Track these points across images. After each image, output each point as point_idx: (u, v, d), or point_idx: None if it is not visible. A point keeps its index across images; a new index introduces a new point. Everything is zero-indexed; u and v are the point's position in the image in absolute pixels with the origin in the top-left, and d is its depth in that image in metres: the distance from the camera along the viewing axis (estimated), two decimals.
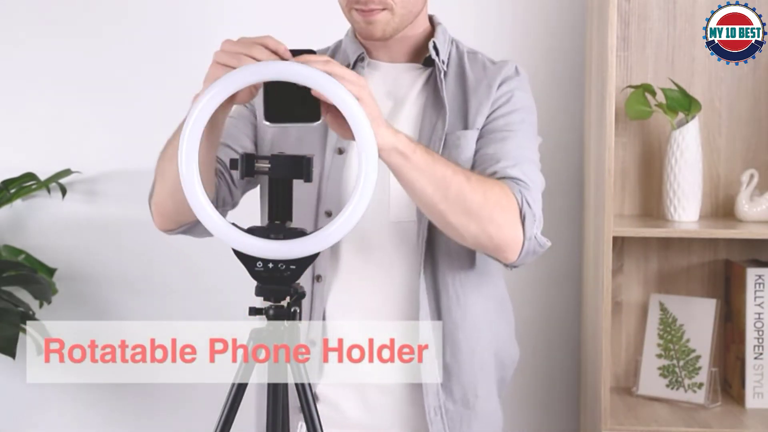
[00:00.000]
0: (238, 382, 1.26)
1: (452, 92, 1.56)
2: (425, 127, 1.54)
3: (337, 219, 1.20)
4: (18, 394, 2.51)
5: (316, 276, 1.53)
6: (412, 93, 1.57)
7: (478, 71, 1.58)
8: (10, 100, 2.46)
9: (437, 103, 1.54)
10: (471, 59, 1.61)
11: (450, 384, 1.53)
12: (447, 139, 1.52)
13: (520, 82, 1.59)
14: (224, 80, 1.18)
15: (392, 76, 1.58)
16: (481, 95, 1.55)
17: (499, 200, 1.39)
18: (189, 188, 1.19)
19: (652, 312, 2.28)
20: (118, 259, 2.46)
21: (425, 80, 1.58)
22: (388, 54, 1.59)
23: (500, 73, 1.57)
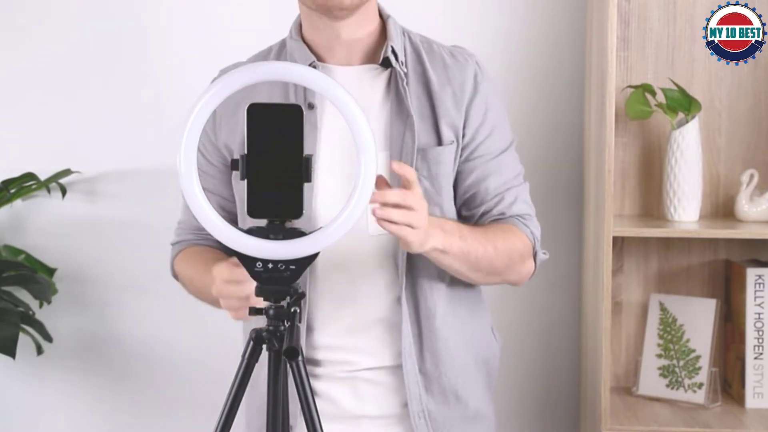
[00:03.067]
0: (238, 382, 1.26)
1: (416, 95, 1.52)
2: (394, 138, 1.51)
3: (337, 219, 1.20)
4: (18, 394, 2.51)
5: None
6: (375, 100, 1.52)
7: (439, 71, 1.54)
8: (10, 100, 2.46)
9: (402, 111, 1.51)
10: (428, 53, 1.56)
11: (432, 388, 1.55)
12: (425, 154, 1.50)
13: (486, 82, 1.56)
14: (224, 80, 1.18)
15: (350, 81, 1.50)
16: (449, 106, 1.52)
17: (521, 254, 1.53)
18: (188, 189, 1.19)
19: (652, 312, 2.28)
20: (118, 259, 2.46)
21: (386, 84, 1.53)
22: (342, 55, 1.53)
23: (464, 77, 1.54)
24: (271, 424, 1.27)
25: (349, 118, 1.19)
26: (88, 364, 2.50)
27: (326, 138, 1.51)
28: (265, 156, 1.18)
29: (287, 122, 1.18)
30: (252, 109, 1.18)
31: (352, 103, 1.19)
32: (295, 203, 1.19)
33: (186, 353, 2.47)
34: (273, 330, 1.25)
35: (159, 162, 2.41)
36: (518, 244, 1.52)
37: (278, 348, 1.25)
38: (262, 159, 1.18)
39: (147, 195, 2.44)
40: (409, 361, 1.52)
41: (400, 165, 1.34)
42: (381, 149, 1.49)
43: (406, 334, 1.52)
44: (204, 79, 1.37)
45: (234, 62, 1.62)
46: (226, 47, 2.38)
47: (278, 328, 1.25)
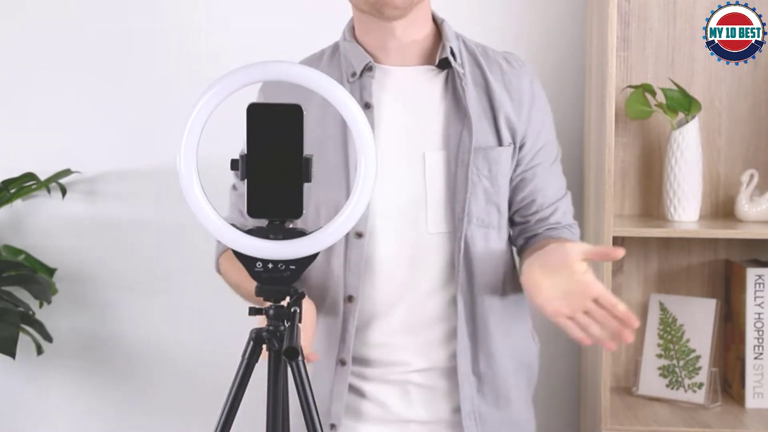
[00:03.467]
0: (238, 382, 1.26)
1: (474, 95, 1.53)
2: (451, 137, 1.51)
3: (336, 219, 1.20)
4: (18, 394, 2.51)
5: (348, 296, 1.53)
6: (432, 100, 1.53)
7: (496, 74, 1.56)
8: (11, 100, 2.46)
9: (459, 111, 1.51)
10: (484, 57, 1.57)
11: (483, 390, 1.56)
12: (486, 153, 1.51)
13: (541, 91, 1.60)
14: (224, 80, 1.18)
15: (406, 82, 1.53)
16: (508, 109, 1.54)
17: None
18: (188, 188, 1.19)
19: (652, 312, 2.28)
20: (118, 259, 2.46)
21: (443, 84, 1.53)
22: (398, 56, 1.53)
23: (521, 84, 1.56)
24: (271, 424, 1.27)
25: (350, 119, 1.19)
26: (88, 364, 2.50)
27: (384, 137, 1.51)
28: (265, 156, 1.18)
29: (288, 122, 1.18)
30: (252, 109, 1.18)
31: (352, 104, 1.19)
32: (296, 203, 1.19)
33: (186, 353, 2.48)
34: (273, 330, 1.25)
35: (159, 162, 2.41)
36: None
37: (278, 348, 1.25)
38: (262, 159, 1.18)
39: (147, 195, 2.44)
40: (464, 362, 1.53)
41: (614, 249, 1.37)
42: (438, 148, 1.51)
43: (461, 334, 1.52)
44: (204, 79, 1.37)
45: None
46: (227, 47, 2.39)
47: (278, 328, 1.25)
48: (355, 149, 1.43)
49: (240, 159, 1.19)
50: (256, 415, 1.44)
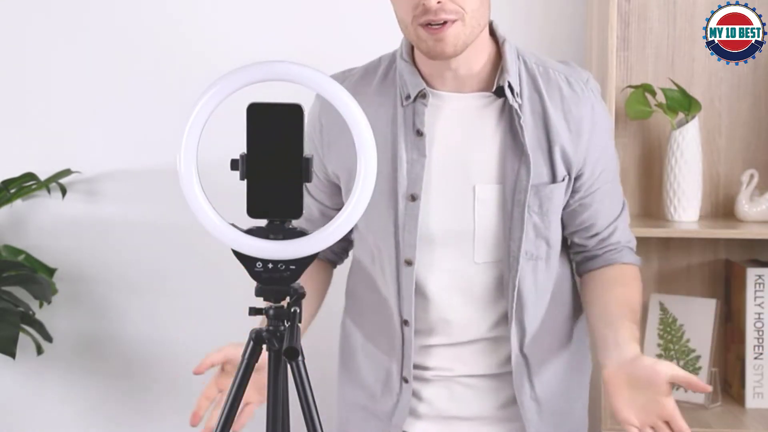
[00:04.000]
0: (238, 382, 1.26)
1: (532, 127, 1.49)
2: (508, 173, 1.49)
3: (337, 219, 1.20)
4: (18, 394, 2.51)
5: (404, 321, 1.55)
6: (487, 130, 1.50)
7: (556, 101, 1.51)
8: (10, 100, 2.46)
9: (517, 147, 1.48)
10: (545, 81, 1.52)
11: (542, 412, 1.58)
12: (539, 191, 1.50)
13: (602, 114, 1.56)
14: (225, 80, 1.18)
15: (461, 110, 1.50)
16: (565, 141, 1.50)
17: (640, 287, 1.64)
18: (188, 188, 1.19)
19: (652, 312, 2.28)
20: (118, 259, 2.46)
21: (499, 114, 1.50)
22: (454, 83, 1.50)
23: (582, 113, 1.51)
24: (271, 424, 1.27)
25: (350, 120, 1.19)
26: (88, 364, 2.50)
27: (435, 166, 1.51)
28: (265, 156, 1.18)
29: (288, 122, 1.18)
30: (252, 109, 1.18)
31: (352, 105, 1.19)
32: (295, 203, 1.19)
33: (186, 353, 2.47)
34: (273, 330, 1.25)
35: (159, 162, 2.41)
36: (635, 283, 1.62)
37: (278, 348, 1.25)
38: (262, 159, 1.18)
39: (147, 195, 2.44)
40: (524, 393, 1.57)
41: (703, 385, 1.42)
42: (494, 182, 1.50)
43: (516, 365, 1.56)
44: (204, 79, 1.37)
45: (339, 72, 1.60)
46: (227, 47, 2.39)
47: (278, 328, 1.25)
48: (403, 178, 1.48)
49: (240, 159, 1.19)
50: (256, 415, 1.45)
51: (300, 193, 1.19)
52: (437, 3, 1.38)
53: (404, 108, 1.50)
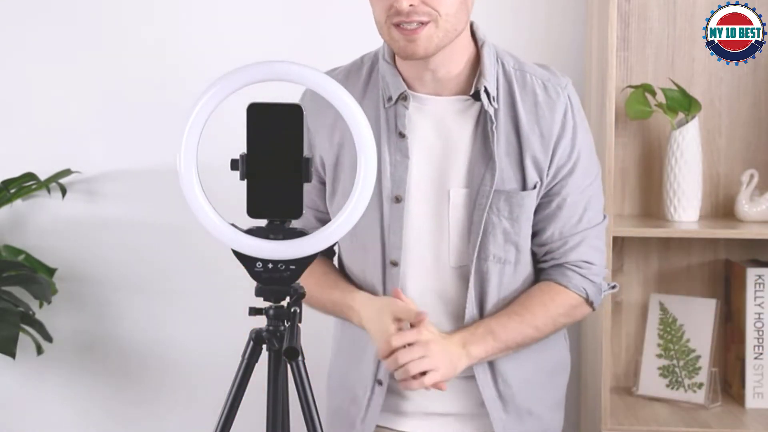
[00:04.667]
0: (238, 382, 1.26)
1: (505, 134, 1.51)
2: (474, 177, 1.51)
3: (337, 219, 1.20)
4: (18, 394, 2.50)
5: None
6: (464, 134, 1.52)
7: (529, 108, 1.51)
8: (11, 100, 2.46)
9: (486, 152, 1.50)
10: (520, 87, 1.53)
11: (508, 408, 1.59)
12: (510, 198, 1.51)
13: (575, 118, 1.54)
14: (225, 80, 1.18)
15: (440, 113, 1.52)
16: (536, 148, 1.51)
17: (567, 314, 1.57)
18: (188, 188, 1.19)
19: (652, 312, 2.28)
20: (118, 259, 2.46)
21: (476, 118, 1.52)
22: (433, 85, 1.52)
23: (554, 117, 1.51)
24: (271, 424, 1.27)
25: (350, 119, 1.19)
26: (88, 364, 2.50)
27: (416, 167, 1.53)
28: (265, 156, 1.18)
29: (288, 122, 1.18)
30: (252, 109, 1.18)
31: (352, 104, 1.19)
32: (295, 203, 1.19)
33: (186, 353, 2.47)
34: (273, 330, 1.25)
35: (159, 162, 2.41)
36: (561, 309, 1.56)
37: (278, 348, 1.25)
38: (262, 159, 1.18)
39: (147, 195, 2.44)
40: (487, 391, 1.57)
41: (418, 316, 1.45)
42: (462, 186, 1.52)
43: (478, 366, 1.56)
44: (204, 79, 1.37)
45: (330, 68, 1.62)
46: (226, 47, 2.39)
47: (278, 328, 1.25)
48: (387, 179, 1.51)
49: (240, 159, 1.19)
50: (256, 415, 1.45)
51: (300, 194, 1.19)
52: (409, 6, 1.40)
53: (386, 110, 1.53)
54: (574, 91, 1.57)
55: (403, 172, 1.52)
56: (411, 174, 1.52)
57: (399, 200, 1.52)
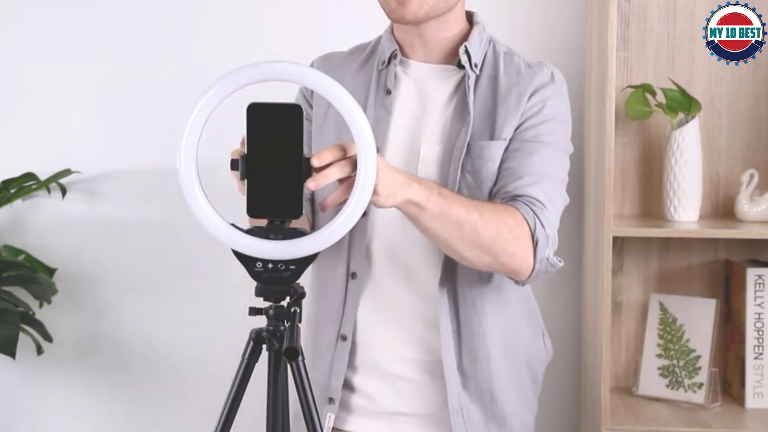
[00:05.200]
0: (238, 382, 1.26)
1: (483, 98, 1.54)
2: (451, 134, 1.53)
3: (337, 219, 1.20)
4: (18, 394, 2.51)
5: (351, 273, 1.56)
6: (441, 97, 1.55)
7: (511, 76, 1.55)
8: (11, 100, 2.46)
9: (464, 109, 1.53)
10: (507, 62, 1.57)
11: (468, 385, 1.56)
12: (471, 148, 1.50)
13: (554, 89, 1.55)
14: (224, 80, 1.18)
15: (423, 77, 1.57)
16: (510, 105, 1.52)
17: (512, 231, 1.42)
18: (188, 188, 1.19)
19: (652, 312, 2.28)
20: (118, 259, 2.46)
21: (456, 84, 1.56)
22: (423, 53, 1.57)
23: (533, 80, 1.54)
24: (271, 424, 1.27)
25: (350, 118, 1.19)
26: (88, 364, 2.50)
27: (393, 126, 1.55)
28: (265, 156, 1.18)
29: (287, 122, 1.18)
30: (252, 109, 1.18)
31: (352, 104, 1.19)
32: (295, 203, 1.19)
33: (186, 353, 2.48)
34: (273, 330, 1.25)
35: (159, 162, 2.41)
36: (510, 220, 1.42)
37: (278, 348, 1.25)
38: (262, 159, 1.18)
39: (147, 195, 2.44)
40: (449, 356, 1.53)
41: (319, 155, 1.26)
42: (436, 143, 1.53)
43: (444, 327, 1.53)
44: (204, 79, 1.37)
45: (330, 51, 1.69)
46: (226, 47, 2.39)
47: (278, 328, 1.25)
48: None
49: (240, 159, 1.19)
50: (256, 415, 1.45)
51: (300, 193, 1.19)
52: None
53: (379, 72, 1.59)
54: (561, 77, 1.59)
55: (385, 126, 1.55)
56: (390, 129, 1.55)
57: (378, 150, 1.52)
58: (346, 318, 1.57)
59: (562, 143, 1.56)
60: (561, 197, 1.53)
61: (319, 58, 1.69)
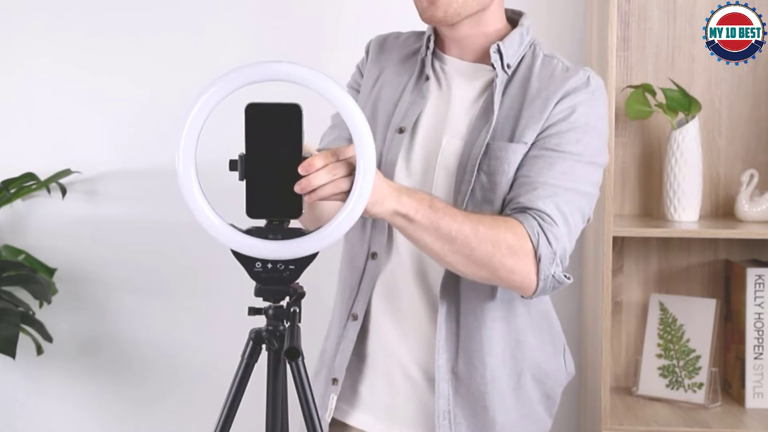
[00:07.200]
0: (238, 382, 1.26)
1: (511, 99, 1.50)
2: (473, 131, 1.50)
3: (336, 218, 1.20)
4: (18, 394, 2.51)
5: (372, 253, 1.56)
6: (470, 94, 1.54)
7: (543, 79, 1.50)
8: (11, 100, 2.46)
9: (489, 108, 1.50)
10: (544, 64, 1.53)
11: (460, 390, 1.53)
12: (489, 148, 1.47)
13: (587, 95, 1.48)
14: (223, 80, 1.18)
15: (456, 73, 1.57)
16: (536, 108, 1.47)
17: (510, 246, 1.36)
18: (187, 188, 1.19)
19: (652, 312, 2.28)
20: (118, 259, 2.46)
21: (487, 83, 1.54)
22: (458, 50, 1.57)
23: (565, 84, 1.48)
24: (270, 424, 1.27)
25: (349, 119, 1.19)
26: (88, 364, 2.50)
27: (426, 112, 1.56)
28: (264, 156, 1.18)
29: (287, 122, 1.18)
30: (251, 109, 1.18)
31: (351, 105, 1.19)
32: (295, 203, 1.19)
33: (186, 353, 2.48)
34: (272, 330, 1.25)
35: (159, 162, 2.41)
36: (508, 235, 1.37)
37: (278, 348, 1.25)
38: (261, 159, 1.18)
39: (147, 195, 2.44)
40: (442, 357, 1.51)
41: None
42: (458, 138, 1.52)
43: (441, 327, 1.51)
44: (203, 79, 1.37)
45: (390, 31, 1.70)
46: (226, 47, 2.39)
47: (278, 328, 1.25)
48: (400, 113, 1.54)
49: (239, 159, 1.19)
50: (256, 415, 1.45)
51: (299, 193, 1.19)
52: None
53: (422, 59, 1.60)
54: (599, 83, 1.52)
55: (416, 110, 1.55)
56: (422, 114, 1.55)
57: (402, 131, 1.54)
58: (360, 298, 1.57)
59: (590, 154, 1.47)
60: (579, 212, 1.45)
61: (375, 38, 1.69)
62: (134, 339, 2.49)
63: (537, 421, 1.60)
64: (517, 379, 1.56)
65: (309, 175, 1.18)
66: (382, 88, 1.62)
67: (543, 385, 1.60)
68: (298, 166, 1.18)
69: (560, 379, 1.63)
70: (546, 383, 1.60)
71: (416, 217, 1.32)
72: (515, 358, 1.55)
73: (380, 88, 1.62)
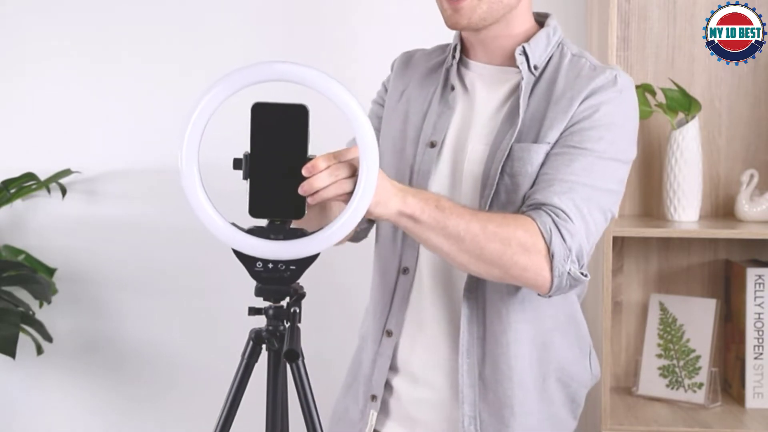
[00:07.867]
0: (237, 382, 1.26)
1: (537, 100, 1.48)
2: (498, 135, 1.50)
3: (339, 219, 1.20)
4: (18, 394, 2.51)
5: (403, 268, 1.56)
6: (496, 99, 1.53)
7: (570, 79, 1.48)
8: (11, 100, 2.46)
9: (515, 112, 1.49)
10: (572, 64, 1.51)
11: (487, 395, 1.51)
12: (513, 150, 1.46)
13: (614, 94, 1.47)
14: (224, 80, 1.18)
15: (482, 79, 1.55)
16: (560, 108, 1.45)
17: (522, 243, 1.35)
18: (189, 187, 1.18)
19: (652, 312, 2.28)
20: (118, 259, 2.46)
21: (514, 86, 1.52)
22: (484, 55, 1.55)
23: (591, 83, 1.46)
24: (270, 424, 1.27)
25: (351, 119, 1.19)
26: (88, 364, 2.50)
27: (454, 121, 1.55)
28: (269, 156, 1.18)
29: (292, 122, 1.17)
30: (257, 108, 1.18)
31: (355, 106, 1.18)
32: (298, 204, 1.19)
33: (186, 353, 2.48)
34: (272, 330, 1.25)
35: (159, 162, 2.41)
36: (519, 232, 1.35)
37: (278, 348, 1.25)
38: (265, 159, 1.18)
39: (147, 195, 2.44)
40: (467, 362, 1.50)
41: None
42: (483, 143, 1.51)
43: (465, 331, 1.50)
44: (205, 79, 1.37)
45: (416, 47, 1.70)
46: (226, 47, 2.39)
47: (278, 328, 1.25)
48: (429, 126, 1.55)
49: (243, 158, 1.18)
50: (256, 415, 1.45)
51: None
52: None
53: (447, 69, 1.59)
54: (628, 82, 1.50)
55: (445, 121, 1.55)
56: (450, 125, 1.55)
57: (434, 145, 1.54)
58: (393, 313, 1.56)
59: (613, 151, 1.46)
60: (599, 208, 1.43)
61: (401, 54, 1.69)
62: (134, 339, 2.49)
63: (560, 423, 1.58)
64: (542, 382, 1.54)
65: (312, 176, 1.18)
66: (408, 102, 1.61)
67: (568, 387, 1.58)
68: (302, 166, 1.18)
69: (585, 381, 1.61)
70: (571, 385, 1.58)
71: (422, 217, 1.31)
72: (541, 360, 1.53)
73: (407, 103, 1.61)
